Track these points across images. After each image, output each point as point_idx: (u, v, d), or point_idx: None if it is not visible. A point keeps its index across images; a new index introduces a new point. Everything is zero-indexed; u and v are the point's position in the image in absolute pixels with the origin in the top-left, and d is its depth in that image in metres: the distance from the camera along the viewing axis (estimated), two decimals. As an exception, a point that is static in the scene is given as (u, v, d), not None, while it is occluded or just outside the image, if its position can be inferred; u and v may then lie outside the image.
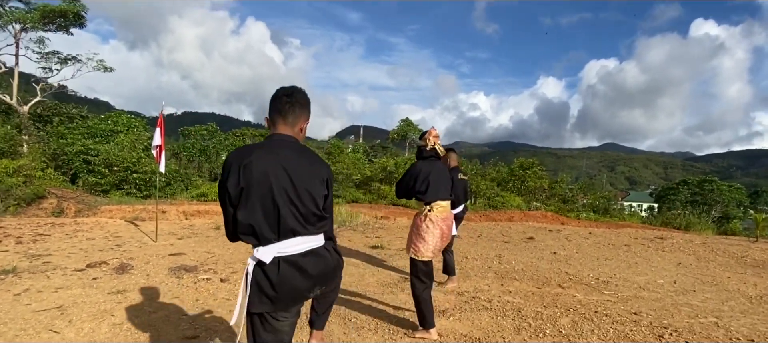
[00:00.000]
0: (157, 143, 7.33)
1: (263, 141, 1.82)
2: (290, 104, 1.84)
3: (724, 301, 4.79)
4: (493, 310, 4.05)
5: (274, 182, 1.68)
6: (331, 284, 1.97)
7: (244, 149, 1.74)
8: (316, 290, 1.83)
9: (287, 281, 1.70)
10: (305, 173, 1.75)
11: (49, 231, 7.73)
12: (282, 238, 1.71)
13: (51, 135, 20.07)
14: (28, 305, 3.81)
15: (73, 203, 11.85)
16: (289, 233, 1.72)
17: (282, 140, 1.80)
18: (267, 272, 1.69)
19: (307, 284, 1.77)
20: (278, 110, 1.84)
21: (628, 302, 4.52)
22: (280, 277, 1.69)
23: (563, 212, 17.86)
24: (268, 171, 1.68)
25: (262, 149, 1.73)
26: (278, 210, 1.69)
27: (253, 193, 1.67)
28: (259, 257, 1.69)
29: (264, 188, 1.67)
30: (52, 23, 19.94)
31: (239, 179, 1.67)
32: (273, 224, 1.70)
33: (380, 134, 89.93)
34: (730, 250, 8.10)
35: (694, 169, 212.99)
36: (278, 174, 1.69)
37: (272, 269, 1.69)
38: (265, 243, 1.70)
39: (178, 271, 5.17)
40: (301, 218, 1.74)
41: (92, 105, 37.63)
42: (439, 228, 3.30)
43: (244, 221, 1.69)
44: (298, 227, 1.73)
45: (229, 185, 1.68)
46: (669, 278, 5.80)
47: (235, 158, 1.71)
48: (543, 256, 7.09)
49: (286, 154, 1.74)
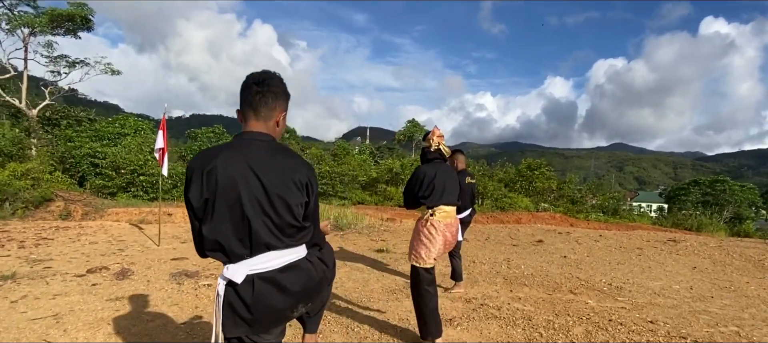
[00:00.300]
0: (159, 146, 7.26)
1: (231, 141, 1.57)
2: (261, 95, 1.57)
3: (744, 308, 4.58)
4: (502, 319, 3.89)
5: (242, 189, 1.45)
6: (318, 299, 1.75)
7: (208, 152, 1.50)
8: (301, 308, 1.62)
9: (264, 301, 1.48)
10: (280, 178, 1.50)
11: (53, 235, 7.69)
12: (255, 253, 1.49)
13: (59, 138, 20.22)
14: (24, 312, 3.72)
15: (80, 205, 11.87)
16: (263, 248, 1.49)
17: (253, 139, 1.54)
18: (240, 291, 1.47)
19: (288, 302, 1.55)
20: (248, 102, 1.58)
21: (644, 310, 4.33)
22: (256, 296, 1.47)
23: (572, 213, 17.63)
24: (236, 177, 1.45)
25: (229, 151, 1.49)
26: (249, 222, 1.45)
27: (219, 204, 1.44)
28: (228, 277, 1.47)
29: (231, 197, 1.44)
30: (60, 27, 20.10)
31: (202, 189, 1.44)
32: (244, 238, 1.47)
33: (386, 135, 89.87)
34: (746, 253, 7.86)
35: (704, 169, 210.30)
36: (248, 180, 1.46)
37: (245, 288, 1.47)
38: (235, 260, 1.48)
39: (179, 276, 5.07)
40: (277, 230, 1.50)
41: (102, 108, 37.94)
42: (442, 235, 3.11)
43: (210, 236, 1.46)
44: (273, 240, 1.50)
45: (192, 195, 1.46)
46: (685, 284, 5.59)
47: (197, 164, 1.47)
48: (553, 260, 6.91)
49: (257, 155, 1.49)
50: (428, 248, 3.07)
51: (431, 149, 3.26)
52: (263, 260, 1.50)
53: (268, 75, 1.61)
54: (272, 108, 1.60)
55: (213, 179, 1.44)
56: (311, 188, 1.59)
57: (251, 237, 1.47)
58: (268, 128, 1.60)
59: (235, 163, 1.46)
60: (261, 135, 1.57)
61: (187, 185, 1.49)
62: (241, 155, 1.48)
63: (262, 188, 1.47)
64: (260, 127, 1.59)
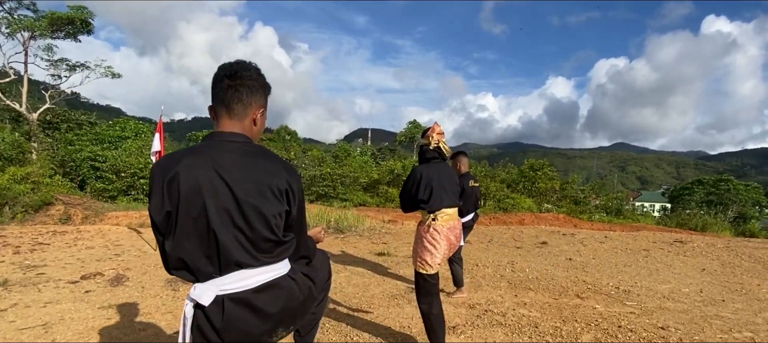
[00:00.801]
0: (156, 149, 7.16)
1: (198, 144, 1.37)
2: (234, 89, 1.38)
3: (757, 312, 4.43)
4: (507, 326, 3.75)
5: (208, 199, 1.25)
6: (303, 320, 1.55)
7: (171, 157, 1.31)
8: (281, 332, 1.43)
9: (236, 325, 1.29)
10: (254, 185, 1.30)
11: (49, 240, 7.58)
12: (225, 272, 1.30)
13: (59, 142, 20.16)
14: (13, 322, 3.60)
15: (80, 209, 11.78)
16: (233, 266, 1.30)
17: (224, 141, 1.35)
18: (208, 314, 1.28)
19: (265, 326, 1.35)
20: (220, 98, 1.39)
21: (653, 315, 4.19)
22: (226, 320, 1.28)
23: (575, 213, 17.44)
24: (201, 185, 1.25)
25: (194, 156, 1.29)
26: (216, 237, 1.26)
27: (182, 217, 1.25)
28: (195, 298, 1.28)
29: (195, 209, 1.25)
30: (60, 31, 20.05)
31: (164, 200, 1.25)
32: (211, 255, 1.28)
33: (388, 137, 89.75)
34: (755, 254, 7.69)
35: (707, 169, 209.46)
36: (216, 188, 1.26)
37: (215, 310, 1.28)
38: (203, 279, 1.29)
39: (174, 283, 4.94)
40: (250, 246, 1.31)
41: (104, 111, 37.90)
42: (445, 239, 2.94)
43: (172, 253, 1.27)
44: (245, 257, 1.31)
45: (152, 208, 1.27)
46: (694, 287, 5.44)
47: (157, 171, 1.29)
48: (558, 262, 6.76)
49: (227, 159, 1.30)
50: (433, 253, 2.92)
51: (430, 147, 3.05)
52: (234, 279, 1.31)
53: (241, 66, 1.42)
54: (247, 104, 1.41)
55: (175, 188, 1.25)
56: (292, 194, 1.39)
57: (219, 254, 1.28)
58: (243, 128, 1.42)
59: (200, 170, 1.27)
60: (234, 136, 1.38)
61: (149, 196, 1.31)
62: (209, 160, 1.29)
63: (232, 198, 1.28)
64: (234, 127, 1.40)
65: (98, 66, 21.36)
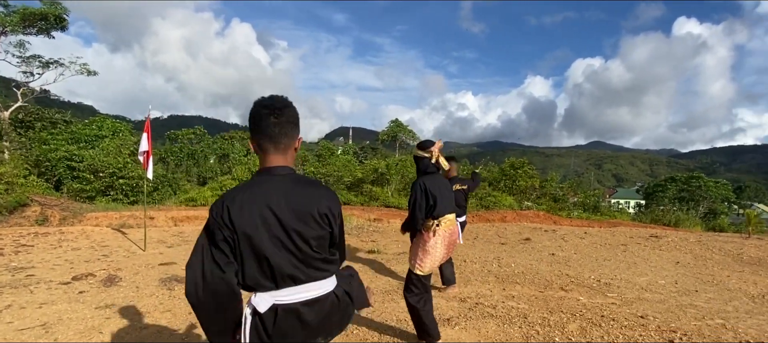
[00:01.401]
0: (144, 149, 7.10)
1: (252, 179, 1.58)
2: (279, 126, 1.56)
3: (728, 301, 4.74)
4: (498, 317, 3.94)
5: (261, 230, 1.47)
6: (337, 333, 1.75)
7: (228, 197, 1.51)
8: (320, 341, 1.62)
9: (283, 331, 1.51)
10: (297, 214, 1.51)
11: (32, 241, 7.43)
12: (280, 286, 1.52)
13: (33, 141, 19.54)
14: (11, 323, 3.60)
15: (57, 210, 11.49)
16: (287, 280, 1.52)
17: (273, 176, 1.55)
18: (263, 319, 1.50)
19: (307, 334, 1.56)
20: (266, 134, 1.56)
21: (633, 305, 4.44)
22: (277, 327, 1.50)
23: (554, 211, 17.91)
24: (255, 220, 1.47)
25: (248, 193, 1.51)
26: (269, 261, 1.48)
27: (243, 246, 1.47)
28: (254, 305, 1.50)
29: (252, 239, 1.47)
30: (32, 26, 19.42)
31: (224, 235, 1.46)
32: (268, 274, 1.50)
33: (369, 135, 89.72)
34: (725, 247, 8.13)
35: (678, 166, 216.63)
36: (267, 220, 1.48)
37: (269, 316, 1.50)
38: (262, 290, 1.51)
39: (169, 282, 4.96)
40: (300, 264, 1.53)
41: (76, 109, 36.65)
42: (446, 242, 3.19)
43: (239, 274, 1.50)
44: (296, 272, 1.53)
45: (217, 240, 1.47)
46: (670, 279, 5.75)
47: (216, 210, 1.49)
48: (542, 257, 7.02)
49: (275, 193, 1.51)
50: (433, 257, 3.14)
51: (432, 161, 3.28)
52: (288, 292, 1.53)
53: (282, 102, 1.59)
54: (291, 137, 1.60)
55: (234, 224, 1.46)
56: (333, 218, 1.59)
57: (274, 272, 1.50)
58: (286, 159, 1.60)
59: (254, 206, 1.49)
60: (281, 169, 1.57)
61: (210, 230, 1.49)
62: (261, 195, 1.50)
63: (280, 226, 1.49)
64: (278, 160, 1.58)
65: (73, 63, 20.79)
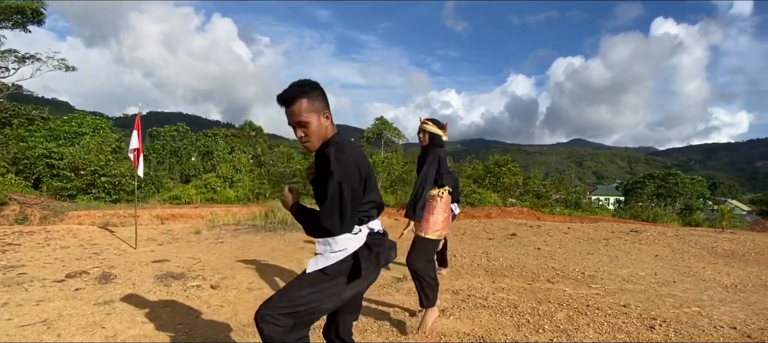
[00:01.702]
0: (134, 146, 7.07)
1: (346, 138, 2.00)
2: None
3: (703, 290, 5.02)
4: (490, 307, 4.11)
5: (371, 171, 1.99)
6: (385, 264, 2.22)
7: (355, 151, 1.94)
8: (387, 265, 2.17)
9: (384, 246, 1.98)
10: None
11: (18, 240, 7.33)
12: (379, 215, 2.07)
13: (10, 138, 19.02)
14: (10, 319, 3.60)
15: (37, 209, 11.28)
16: (382, 211, 2.07)
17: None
18: (371, 244, 1.93)
19: (391, 256, 2.04)
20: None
21: (616, 295, 4.67)
22: (383, 246, 1.97)
23: (538, 207, 18.30)
24: (369, 164, 1.98)
25: (357, 147, 2.01)
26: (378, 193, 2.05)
27: (370, 180, 1.96)
28: (372, 227, 1.98)
29: (372, 177, 1.99)
30: (8, 20, 18.89)
31: (360, 173, 1.90)
32: (380, 203, 2.06)
33: (353, 133, 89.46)
34: (700, 241, 8.50)
35: (656, 163, 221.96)
36: (368, 165, 1.99)
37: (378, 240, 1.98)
38: (377, 216, 2.04)
39: (165, 279, 4.99)
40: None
41: (51, 106, 35.55)
42: (447, 211, 3.52)
43: (367, 198, 1.96)
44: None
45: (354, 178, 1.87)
46: (649, 270, 6.03)
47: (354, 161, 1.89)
48: (528, 252, 7.25)
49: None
50: (436, 217, 3.44)
51: (444, 139, 3.57)
52: (378, 221, 2.07)
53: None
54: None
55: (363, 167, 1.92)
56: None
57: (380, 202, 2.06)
58: None
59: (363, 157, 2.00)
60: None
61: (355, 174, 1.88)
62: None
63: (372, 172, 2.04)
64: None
65: (50, 58, 20.27)
